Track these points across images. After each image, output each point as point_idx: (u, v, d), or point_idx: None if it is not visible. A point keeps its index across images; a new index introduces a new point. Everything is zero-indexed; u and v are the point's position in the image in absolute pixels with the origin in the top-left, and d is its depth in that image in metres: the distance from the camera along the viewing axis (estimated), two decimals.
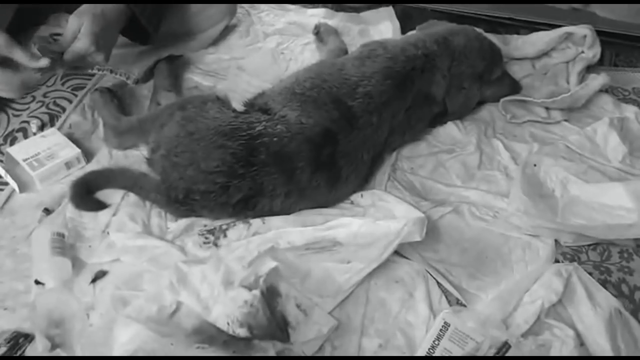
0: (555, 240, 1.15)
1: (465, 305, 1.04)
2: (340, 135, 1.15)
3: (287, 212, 1.14)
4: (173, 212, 1.15)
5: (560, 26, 1.61)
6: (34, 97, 1.43)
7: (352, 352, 0.97)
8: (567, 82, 1.55)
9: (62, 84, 1.47)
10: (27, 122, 1.37)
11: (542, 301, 1.00)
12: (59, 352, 0.91)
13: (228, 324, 0.93)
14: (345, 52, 1.53)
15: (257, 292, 0.96)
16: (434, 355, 0.92)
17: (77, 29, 1.17)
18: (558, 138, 1.38)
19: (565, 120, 1.44)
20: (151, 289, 1.02)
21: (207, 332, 0.94)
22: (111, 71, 1.46)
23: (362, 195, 1.21)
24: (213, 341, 0.93)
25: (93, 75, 1.49)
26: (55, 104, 1.42)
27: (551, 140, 1.38)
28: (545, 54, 1.62)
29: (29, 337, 0.94)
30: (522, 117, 1.44)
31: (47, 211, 1.16)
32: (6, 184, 1.22)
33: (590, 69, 1.57)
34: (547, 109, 1.46)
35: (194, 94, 1.47)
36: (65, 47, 1.16)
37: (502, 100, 1.45)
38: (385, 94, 1.22)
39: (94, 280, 1.04)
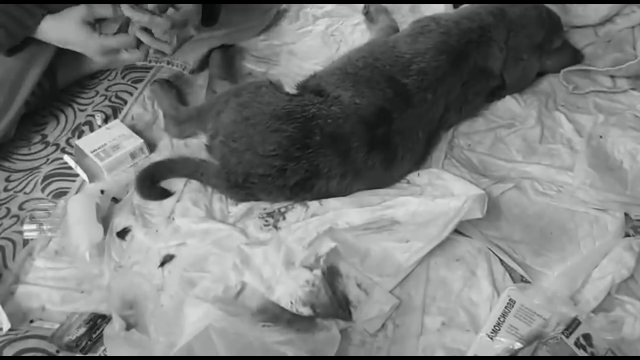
0: (625, 214, 1.10)
1: (530, 282, 1.01)
2: (394, 114, 1.14)
3: (343, 193, 1.14)
4: (233, 196, 1.18)
5: None
6: (97, 92, 1.50)
7: (415, 330, 0.97)
8: (634, 48, 1.46)
9: (122, 77, 1.53)
10: (92, 115, 1.43)
11: (613, 277, 0.97)
12: (133, 332, 0.95)
13: (291, 303, 0.96)
14: (396, 30, 1.50)
15: (318, 272, 0.98)
16: (499, 331, 0.91)
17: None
18: (625, 108, 1.32)
19: (633, 89, 1.37)
20: (216, 271, 1.06)
21: (272, 311, 0.96)
22: (168, 62, 1.51)
23: (418, 174, 1.19)
24: (277, 320, 0.95)
25: (151, 67, 1.54)
26: (117, 97, 1.48)
27: (618, 111, 1.31)
28: (609, 19, 1.54)
29: (105, 318, 0.99)
30: (586, 87, 1.38)
31: (115, 200, 1.22)
32: (77, 175, 1.28)
33: None
34: (612, 77, 1.39)
35: (248, 80, 1.49)
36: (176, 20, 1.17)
37: (563, 70, 1.39)
38: (440, 69, 1.20)
39: (162, 264, 1.08)
